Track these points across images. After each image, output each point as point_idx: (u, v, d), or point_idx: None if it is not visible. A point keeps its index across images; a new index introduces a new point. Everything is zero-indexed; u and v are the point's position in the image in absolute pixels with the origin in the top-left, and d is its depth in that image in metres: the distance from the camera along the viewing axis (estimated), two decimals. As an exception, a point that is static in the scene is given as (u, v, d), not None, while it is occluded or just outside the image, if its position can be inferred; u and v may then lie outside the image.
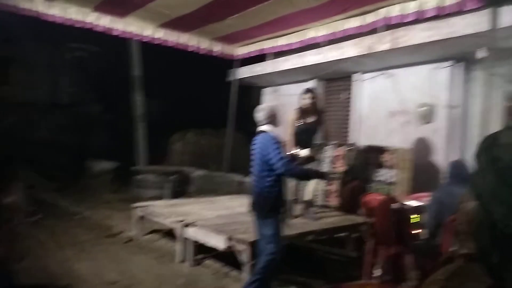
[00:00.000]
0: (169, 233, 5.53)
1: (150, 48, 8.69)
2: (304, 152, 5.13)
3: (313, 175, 4.44)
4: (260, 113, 3.65)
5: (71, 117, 17.36)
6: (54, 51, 19.16)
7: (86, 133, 16.28)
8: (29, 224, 1.16)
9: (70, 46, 18.97)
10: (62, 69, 19.63)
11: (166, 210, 5.44)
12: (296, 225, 4.83)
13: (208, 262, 4.76)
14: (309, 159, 5.24)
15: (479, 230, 0.79)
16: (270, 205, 3.48)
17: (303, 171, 4.35)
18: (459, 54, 5.60)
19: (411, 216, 3.92)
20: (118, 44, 11.67)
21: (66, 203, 8.08)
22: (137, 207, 5.77)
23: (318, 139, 5.61)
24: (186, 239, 4.73)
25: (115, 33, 5.97)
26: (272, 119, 3.63)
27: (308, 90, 5.25)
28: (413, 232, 3.94)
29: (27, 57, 17.62)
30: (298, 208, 5.36)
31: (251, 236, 3.97)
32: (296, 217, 5.21)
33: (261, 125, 3.65)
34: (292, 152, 5.16)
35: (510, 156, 0.72)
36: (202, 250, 4.80)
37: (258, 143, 3.60)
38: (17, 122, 15.62)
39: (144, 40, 6.42)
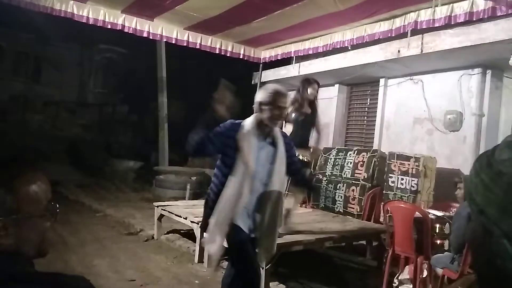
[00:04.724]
0: (188, 234, 5.55)
1: (174, 50, 8.79)
2: (304, 155, 4.57)
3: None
4: None
5: (97, 117, 17.78)
6: (84, 52, 19.68)
7: (112, 132, 16.61)
8: (48, 218, 1.14)
9: (99, 48, 19.40)
10: (91, 69, 20.11)
11: (186, 211, 5.46)
12: (314, 230, 4.75)
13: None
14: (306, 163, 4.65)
15: (479, 247, 0.75)
16: None
17: None
18: (490, 61, 5.42)
19: (433, 226, 3.82)
20: (145, 46, 11.88)
21: (89, 200, 8.24)
22: (157, 206, 5.82)
23: (313, 138, 4.97)
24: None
25: (143, 34, 6.04)
26: None
27: (315, 80, 4.94)
28: (434, 242, 3.84)
29: (58, 57, 18.14)
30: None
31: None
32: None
33: None
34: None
35: None
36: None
37: None
38: (45, 120, 16.10)
39: (171, 42, 6.48)
